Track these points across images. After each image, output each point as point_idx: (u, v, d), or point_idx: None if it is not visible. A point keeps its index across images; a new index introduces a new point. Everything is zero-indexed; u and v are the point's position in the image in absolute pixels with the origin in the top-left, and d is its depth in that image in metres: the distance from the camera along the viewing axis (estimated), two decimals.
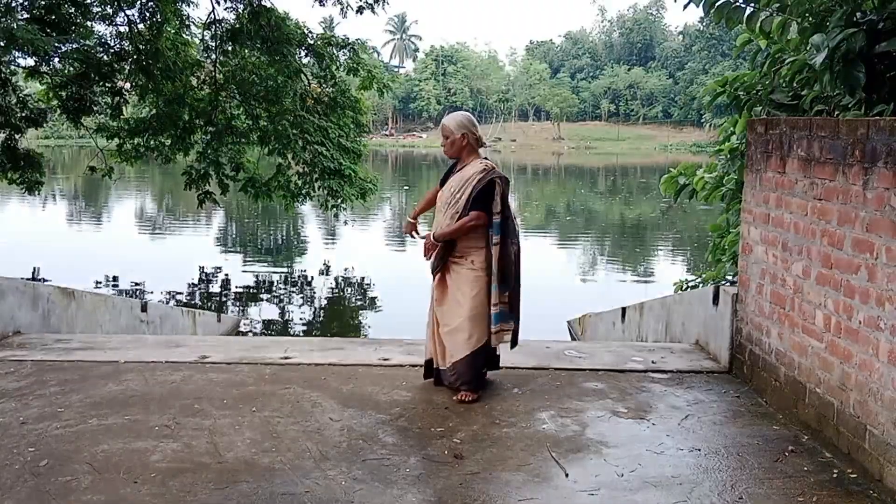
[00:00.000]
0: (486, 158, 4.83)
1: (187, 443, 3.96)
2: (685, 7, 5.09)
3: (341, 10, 13.40)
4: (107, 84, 13.15)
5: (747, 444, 4.05)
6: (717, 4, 4.82)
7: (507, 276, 4.67)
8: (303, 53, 13.57)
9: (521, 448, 3.97)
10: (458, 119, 4.84)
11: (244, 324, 15.21)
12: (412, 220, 5.06)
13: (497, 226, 4.64)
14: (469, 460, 3.80)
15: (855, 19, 4.18)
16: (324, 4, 13.42)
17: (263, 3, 12.64)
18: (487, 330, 4.71)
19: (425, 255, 4.84)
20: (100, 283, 18.28)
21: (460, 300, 4.69)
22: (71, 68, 12.89)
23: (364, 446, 3.96)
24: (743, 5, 4.80)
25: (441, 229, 4.71)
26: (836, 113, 4.61)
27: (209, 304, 17.19)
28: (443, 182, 4.96)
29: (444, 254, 4.75)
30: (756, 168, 4.87)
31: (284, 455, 3.82)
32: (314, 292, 19.05)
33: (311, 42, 13.34)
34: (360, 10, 13.29)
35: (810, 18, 4.57)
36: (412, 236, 5.04)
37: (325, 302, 18.13)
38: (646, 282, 20.26)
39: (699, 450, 3.97)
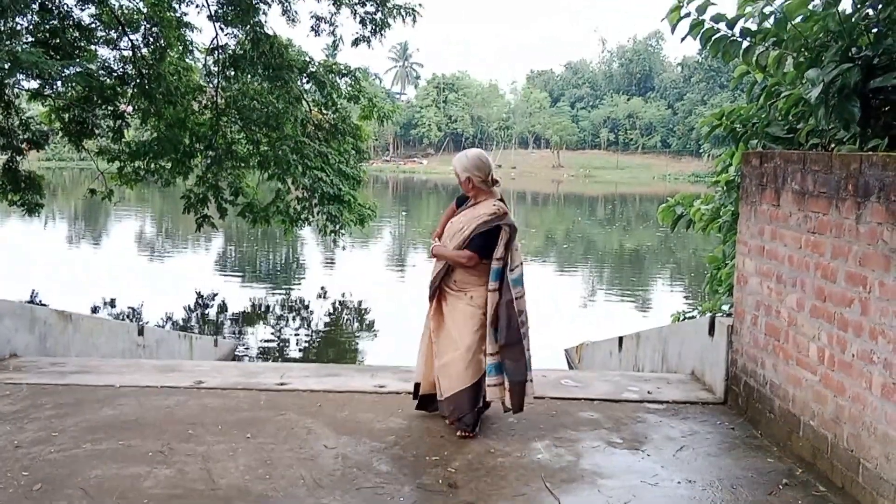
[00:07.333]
0: (499, 200, 4.67)
1: (181, 469, 3.95)
2: (682, 40, 5.16)
3: (333, 42, 13.56)
4: (109, 107, 13.23)
5: (742, 476, 4.05)
6: (713, 38, 4.88)
7: (499, 327, 4.48)
8: (304, 80, 13.67)
9: (516, 477, 3.97)
10: (462, 162, 4.66)
11: (241, 348, 15.18)
12: (436, 242, 4.86)
13: (495, 272, 4.49)
14: (463, 489, 3.79)
15: (850, 55, 4.24)
16: (319, 35, 13.56)
17: (265, 30, 12.75)
18: (480, 369, 4.59)
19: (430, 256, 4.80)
20: (97, 307, 18.24)
21: (455, 336, 4.59)
22: (74, 91, 12.97)
23: (358, 474, 3.95)
24: (739, 39, 4.86)
25: (440, 247, 4.65)
26: (832, 146, 4.65)
27: (206, 328, 17.16)
28: (458, 204, 4.85)
29: (441, 279, 4.66)
30: (751, 200, 4.91)
31: (278, 482, 3.82)
32: (311, 317, 19.03)
33: (313, 69, 13.44)
34: (355, 42, 13.41)
35: (806, 53, 4.63)
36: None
37: (322, 327, 18.10)
38: (643, 311, 20.26)
39: (693, 482, 3.97)
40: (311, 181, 13.35)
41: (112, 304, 18.75)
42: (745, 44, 4.84)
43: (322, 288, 22.07)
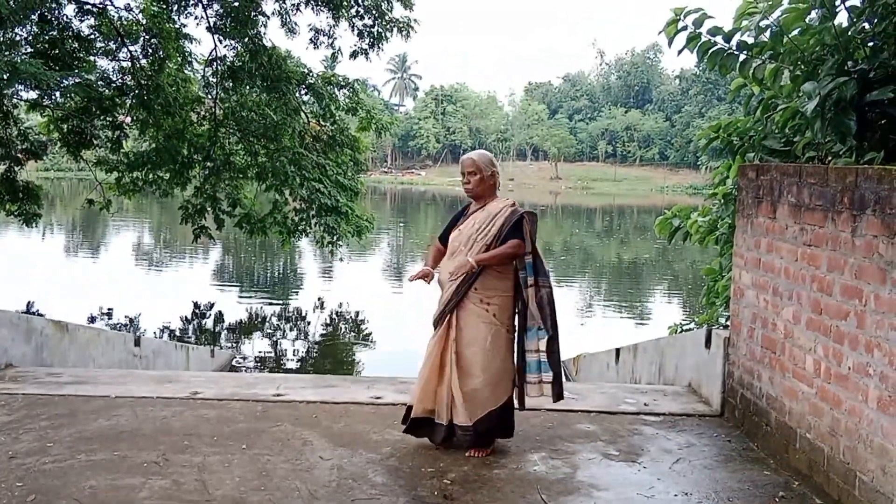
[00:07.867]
0: (506, 198, 4.67)
1: (176, 480, 3.94)
2: (679, 53, 5.18)
3: (332, 54, 13.63)
4: (107, 118, 13.24)
5: (738, 489, 4.04)
6: (710, 51, 4.90)
7: (545, 322, 4.42)
8: (302, 92, 13.71)
9: (511, 490, 3.96)
10: (488, 157, 4.66)
11: (237, 359, 15.15)
12: (430, 269, 4.59)
13: (529, 266, 4.42)
14: (458, 502, 3.78)
15: (846, 68, 4.26)
16: (318, 47, 13.63)
17: (264, 42, 12.79)
18: (510, 387, 4.47)
19: (412, 279, 4.55)
20: (94, 317, 18.20)
21: (481, 360, 4.37)
22: (72, 102, 12.98)
23: (354, 486, 3.94)
24: (736, 52, 4.88)
25: (473, 257, 4.37)
26: (828, 159, 4.67)
27: (203, 339, 17.13)
28: (446, 232, 4.69)
29: (462, 292, 4.40)
30: (747, 213, 4.92)
31: (273, 494, 3.80)
32: (308, 328, 19.01)
33: (311, 81, 13.49)
34: (353, 55, 13.49)
35: (802, 66, 4.65)
36: (427, 280, 4.55)
37: (319, 338, 18.08)
38: (640, 322, 20.25)
39: (689, 494, 3.96)
40: (309, 192, 13.36)
41: (109, 314, 18.73)
42: (742, 57, 4.86)
43: (319, 299, 22.05)
